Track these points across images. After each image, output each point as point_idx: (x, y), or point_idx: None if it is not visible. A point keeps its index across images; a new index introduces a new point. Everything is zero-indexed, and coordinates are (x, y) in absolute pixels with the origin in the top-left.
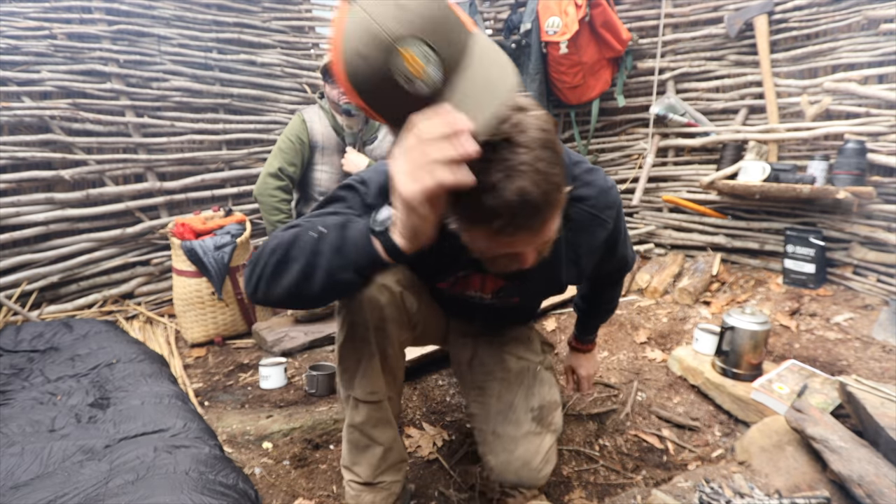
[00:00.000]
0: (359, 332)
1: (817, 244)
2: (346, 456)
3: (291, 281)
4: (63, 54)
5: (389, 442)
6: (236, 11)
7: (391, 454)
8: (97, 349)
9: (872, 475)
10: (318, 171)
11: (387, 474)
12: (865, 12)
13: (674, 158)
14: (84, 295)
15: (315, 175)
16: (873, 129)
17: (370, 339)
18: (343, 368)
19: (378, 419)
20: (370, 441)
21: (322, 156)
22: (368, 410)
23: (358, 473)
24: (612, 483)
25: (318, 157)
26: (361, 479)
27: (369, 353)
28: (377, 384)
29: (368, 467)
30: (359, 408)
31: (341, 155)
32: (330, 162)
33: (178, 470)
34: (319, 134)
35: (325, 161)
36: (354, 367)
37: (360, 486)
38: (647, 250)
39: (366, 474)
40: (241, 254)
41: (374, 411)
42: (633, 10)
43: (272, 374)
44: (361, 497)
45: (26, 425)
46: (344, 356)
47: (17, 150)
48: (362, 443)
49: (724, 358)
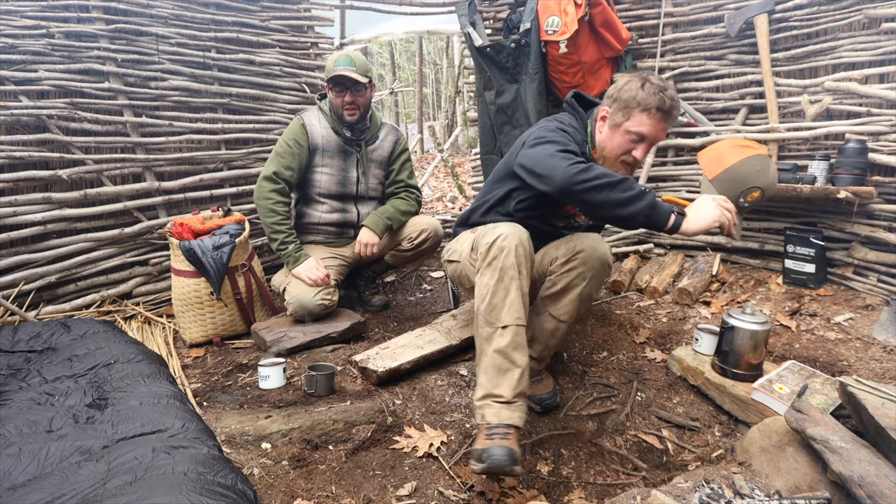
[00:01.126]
0: (508, 273)
1: (818, 244)
2: (487, 382)
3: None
4: (61, 53)
5: (524, 365)
6: (235, 10)
7: (524, 378)
8: (95, 349)
9: (873, 476)
10: (319, 174)
11: (520, 396)
12: (866, 11)
13: (674, 158)
14: (82, 295)
15: (315, 177)
16: (874, 129)
17: (518, 277)
18: (492, 305)
19: (518, 343)
20: (511, 364)
21: (322, 157)
22: (513, 335)
23: (499, 395)
24: (611, 483)
25: (319, 159)
26: (504, 398)
27: (517, 287)
28: (522, 311)
29: (508, 388)
30: (505, 333)
31: (342, 156)
32: (330, 164)
33: (177, 470)
34: (320, 136)
35: (326, 163)
36: (503, 301)
37: (501, 405)
38: (647, 250)
39: (507, 394)
40: (240, 254)
41: (517, 335)
42: (632, 9)
43: (271, 374)
44: (501, 414)
45: (24, 426)
46: (495, 294)
47: (15, 149)
48: (504, 366)
49: (724, 358)
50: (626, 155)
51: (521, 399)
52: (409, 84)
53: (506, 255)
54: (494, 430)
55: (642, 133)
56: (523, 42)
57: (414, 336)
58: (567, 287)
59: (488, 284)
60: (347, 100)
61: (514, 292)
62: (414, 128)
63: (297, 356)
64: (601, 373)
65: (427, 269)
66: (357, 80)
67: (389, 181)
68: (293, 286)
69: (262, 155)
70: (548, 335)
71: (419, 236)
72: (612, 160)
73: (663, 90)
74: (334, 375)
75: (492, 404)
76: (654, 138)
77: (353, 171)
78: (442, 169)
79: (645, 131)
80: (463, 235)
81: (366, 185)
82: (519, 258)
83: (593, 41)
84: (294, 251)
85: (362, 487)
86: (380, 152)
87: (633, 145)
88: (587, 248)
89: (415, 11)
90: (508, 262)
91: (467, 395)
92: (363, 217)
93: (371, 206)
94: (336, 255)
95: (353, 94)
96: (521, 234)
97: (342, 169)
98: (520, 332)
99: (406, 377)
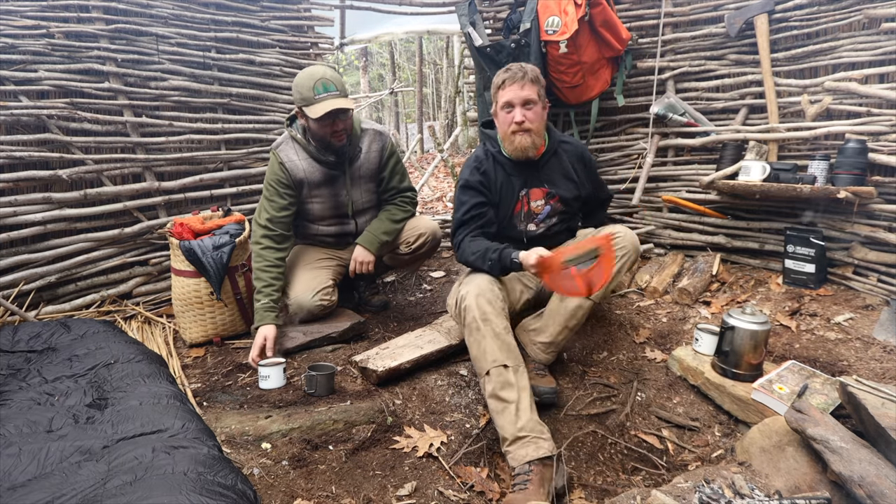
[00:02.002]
0: (473, 325)
1: (818, 244)
2: (497, 428)
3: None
4: (60, 53)
5: (514, 399)
6: (235, 10)
7: (521, 410)
8: (95, 349)
9: (873, 476)
10: (310, 204)
11: (525, 430)
12: (866, 11)
13: (673, 158)
14: (82, 295)
15: (307, 207)
16: (874, 129)
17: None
18: (475, 358)
19: (502, 383)
20: (504, 403)
21: (310, 190)
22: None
23: (506, 436)
24: (611, 483)
25: (307, 191)
26: (510, 438)
27: (488, 333)
28: (497, 352)
29: (510, 425)
30: (490, 379)
31: (329, 185)
32: (319, 194)
33: (177, 470)
34: (301, 171)
35: (315, 194)
36: (480, 352)
37: (515, 446)
38: (647, 250)
39: (511, 432)
40: (240, 254)
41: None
42: (632, 9)
43: (271, 374)
44: (517, 454)
45: (24, 426)
46: (472, 347)
47: (15, 149)
48: (498, 407)
49: (724, 358)
50: (511, 125)
51: (528, 431)
52: (409, 84)
53: (467, 310)
54: (517, 478)
55: (508, 101)
56: (523, 42)
57: (414, 336)
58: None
59: (468, 342)
60: (338, 129)
61: (485, 340)
62: (414, 128)
63: (297, 356)
64: (601, 373)
65: (427, 269)
66: (347, 108)
67: (382, 188)
68: (292, 287)
69: (262, 155)
70: (567, 315)
71: (417, 240)
72: (508, 137)
73: (508, 69)
74: (334, 375)
75: (509, 450)
76: (520, 100)
77: (343, 194)
78: (442, 169)
79: (508, 98)
80: (452, 292)
81: (359, 201)
82: (482, 307)
83: (593, 41)
84: (262, 308)
85: (362, 487)
86: (367, 167)
87: (510, 115)
88: (623, 232)
89: (415, 11)
90: (470, 317)
91: (467, 395)
92: (362, 227)
93: (369, 215)
94: (334, 256)
95: (341, 120)
96: (481, 283)
97: (332, 195)
98: (500, 371)
99: (406, 377)
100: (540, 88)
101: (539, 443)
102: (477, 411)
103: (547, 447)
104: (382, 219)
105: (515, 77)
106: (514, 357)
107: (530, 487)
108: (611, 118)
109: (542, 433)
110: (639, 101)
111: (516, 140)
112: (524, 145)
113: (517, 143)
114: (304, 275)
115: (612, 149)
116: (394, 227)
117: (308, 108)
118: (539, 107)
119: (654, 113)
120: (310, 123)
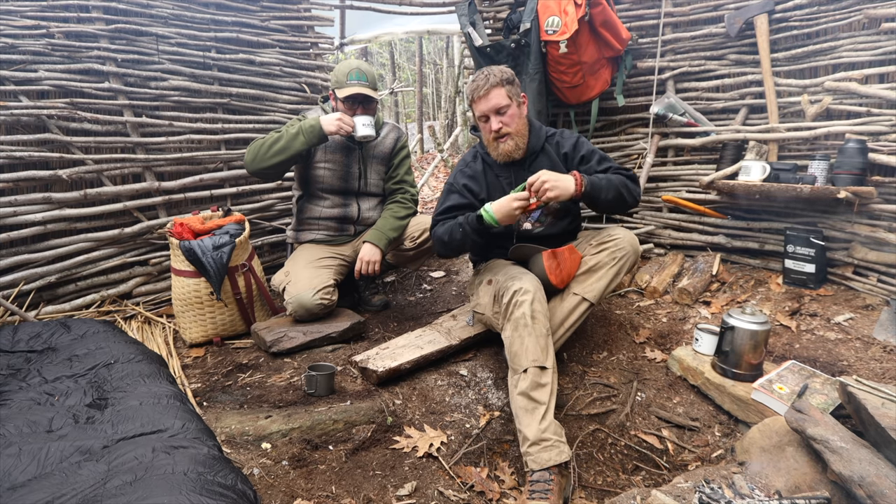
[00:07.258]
0: (521, 322)
1: (818, 244)
2: (520, 426)
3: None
4: (60, 53)
5: (546, 402)
6: (235, 10)
7: (549, 415)
8: (95, 349)
9: (873, 476)
10: (321, 169)
11: (549, 432)
12: (866, 11)
13: (673, 158)
14: (82, 295)
15: (318, 173)
16: (874, 129)
17: (532, 324)
18: (513, 353)
19: (537, 383)
20: (535, 403)
21: (325, 153)
22: (532, 376)
23: (528, 436)
24: (612, 483)
25: (321, 154)
26: (532, 440)
27: (530, 333)
28: (539, 353)
29: (535, 425)
30: (525, 377)
31: (344, 152)
32: (332, 159)
33: (177, 470)
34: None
35: (328, 158)
36: (520, 348)
37: (537, 449)
38: (647, 250)
39: (534, 433)
40: (240, 254)
41: (536, 376)
42: (632, 9)
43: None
44: (539, 458)
45: (24, 426)
46: (513, 343)
47: (15, 149)
48: (528, 406)
49: (724, 358)
50: (490, 134)
51: (552, 434)
52: (409, 84)
53: (519, 305)
54: (535, 484)
55: (482, 113)
56: (523, 42)
57: (414, 336)
58: (597, 266)
59: (510, 336)
60: (359, 114)
61: (530, 338)
62: (414, 128)
63: (297, 356)
64: (601, 373)
65: (427, 269)
66: (371, 96)
67: (388, 175)
68: (293, 286)
69: None
70: (565, 314)
71: (421, 235)
72: (491, 144)
73: (474, 80)
74: (334, 375)
75: (529, 451)
76: (491, 109)
77: (354, 166)
78: (442, 169)
79: (480, 110)
80: (483, 289)
81: (367, 180)
82: (534, 306)
83: (593, 41)
84: (307, 121)
85: (362, 487)
86: (381, 149)
87: (487, 125)
88: (621, 234)
89: (415, 11)
90: (520, 312)
91: (467, 396)
92: (364, 212)
93: (372, 202)
94: (335, 255)
95: (365, 108)
96: (535, 282)
97: (344, 164)
98: (538, 372)
99: (406, 377)
100: (510, 87)
101: (560, 447)
102: (477, 411)
103: (567, 452)
104: (387, 216)
105: (480, 88)
106: (553, 361)
107: (551, 498)
108: (611, 118)
109: (562, 437)
110: (639, 101)
111: (500, 147)
112: (507, 150)
113: (501, 149)
114: (305, 273)
115: (612, 149)
116: (399, 223)
117: (339, 89)
118: (513, 107)
119: (654, 113)
120: (338, 104)
